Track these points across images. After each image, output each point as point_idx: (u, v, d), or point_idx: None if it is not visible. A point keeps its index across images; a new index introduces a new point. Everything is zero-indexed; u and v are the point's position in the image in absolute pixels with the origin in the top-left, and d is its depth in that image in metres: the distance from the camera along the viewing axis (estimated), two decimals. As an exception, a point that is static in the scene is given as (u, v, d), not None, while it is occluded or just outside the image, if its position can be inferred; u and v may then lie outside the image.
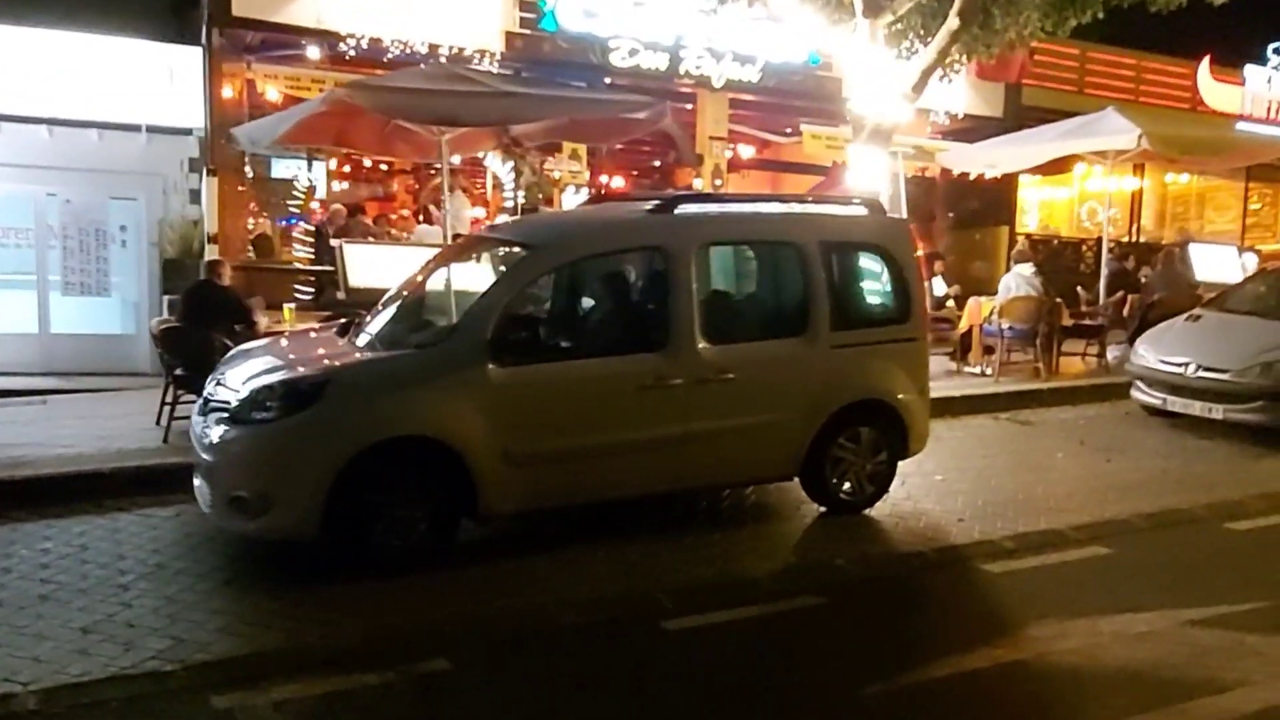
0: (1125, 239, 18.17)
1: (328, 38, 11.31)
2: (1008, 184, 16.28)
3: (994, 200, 16.48)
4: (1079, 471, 7.47)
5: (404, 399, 5.00)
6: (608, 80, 12.83)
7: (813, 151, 14.52)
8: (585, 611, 4.73)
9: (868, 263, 6.19)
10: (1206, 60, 17.69)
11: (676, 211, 5.66)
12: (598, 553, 5.38)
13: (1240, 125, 18.14)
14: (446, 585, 4.90)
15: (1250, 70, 18.20)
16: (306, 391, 4.95)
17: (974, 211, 16.60)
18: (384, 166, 16.23)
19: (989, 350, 10.62)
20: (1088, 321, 11.34)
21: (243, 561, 5.18)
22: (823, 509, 6.18)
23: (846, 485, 6.16)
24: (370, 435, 4.87)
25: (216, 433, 5.08)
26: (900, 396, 6.18)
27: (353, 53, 11.31)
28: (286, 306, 8.84)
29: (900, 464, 6.92)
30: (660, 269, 5.52)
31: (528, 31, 12.31)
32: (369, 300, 6.34)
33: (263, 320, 7.88)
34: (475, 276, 6.18)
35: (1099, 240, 17.20)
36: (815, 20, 8.97)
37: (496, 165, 15.06)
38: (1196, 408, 8.51)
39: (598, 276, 5.84)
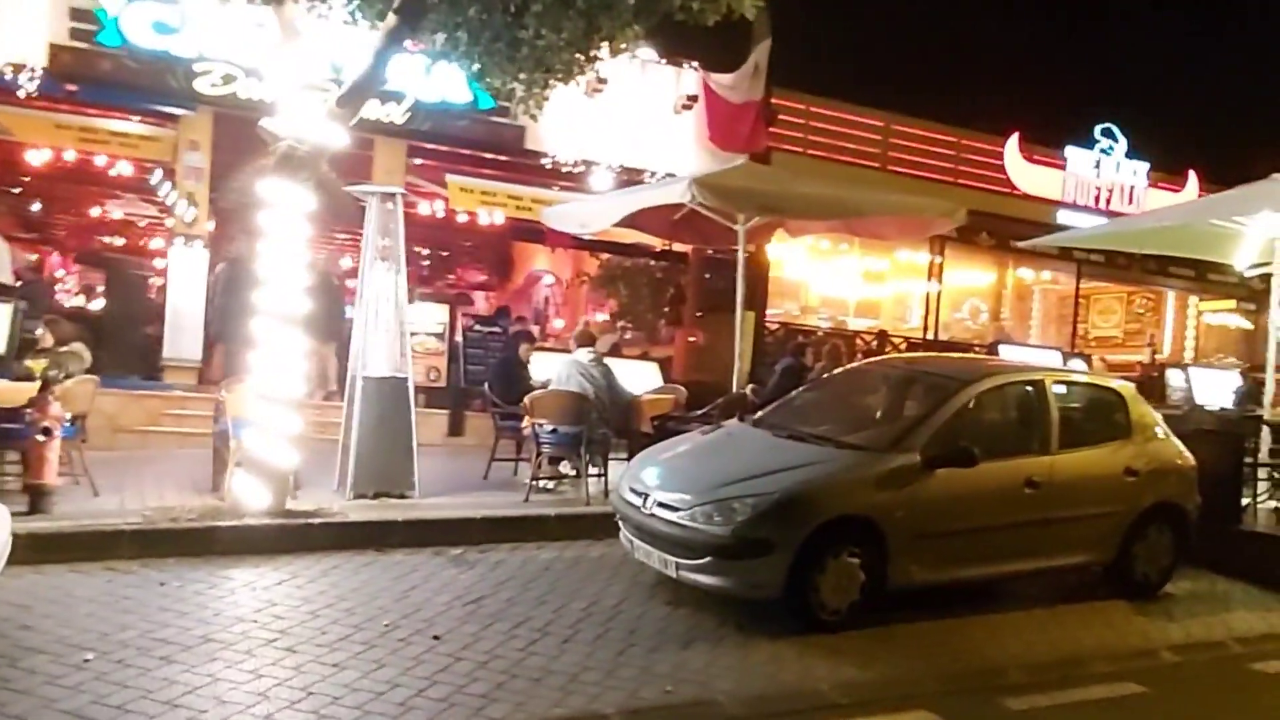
0: (928, 337, 15.67)
1: None
2: (757, 262, 13.91)
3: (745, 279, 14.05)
4: (347, 654, 4.89)
5: None
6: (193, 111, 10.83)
7: (463, 205, 12.29)
8: None
9: None
10: (1015, 138, 15.39)
11: None
12: None
13: (1062, 213, 15.85)
14: None
15: (1072, 152, 15.90)
16: None
17: (723, 292, 14.19)
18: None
19: (540, 457, 8.12)
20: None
21: None
22: None
23: None
24: None
25: None
26: None
27: None
28: None
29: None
30: None
31: (82, 45, 10.26)
32: None
33: None
34: None
35: (882, 333, 14.86)
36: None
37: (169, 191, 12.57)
38: (655, 559, 5.92)
39: None
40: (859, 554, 5.61)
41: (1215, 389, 14.22)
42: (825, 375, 7.78)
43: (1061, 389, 6.62)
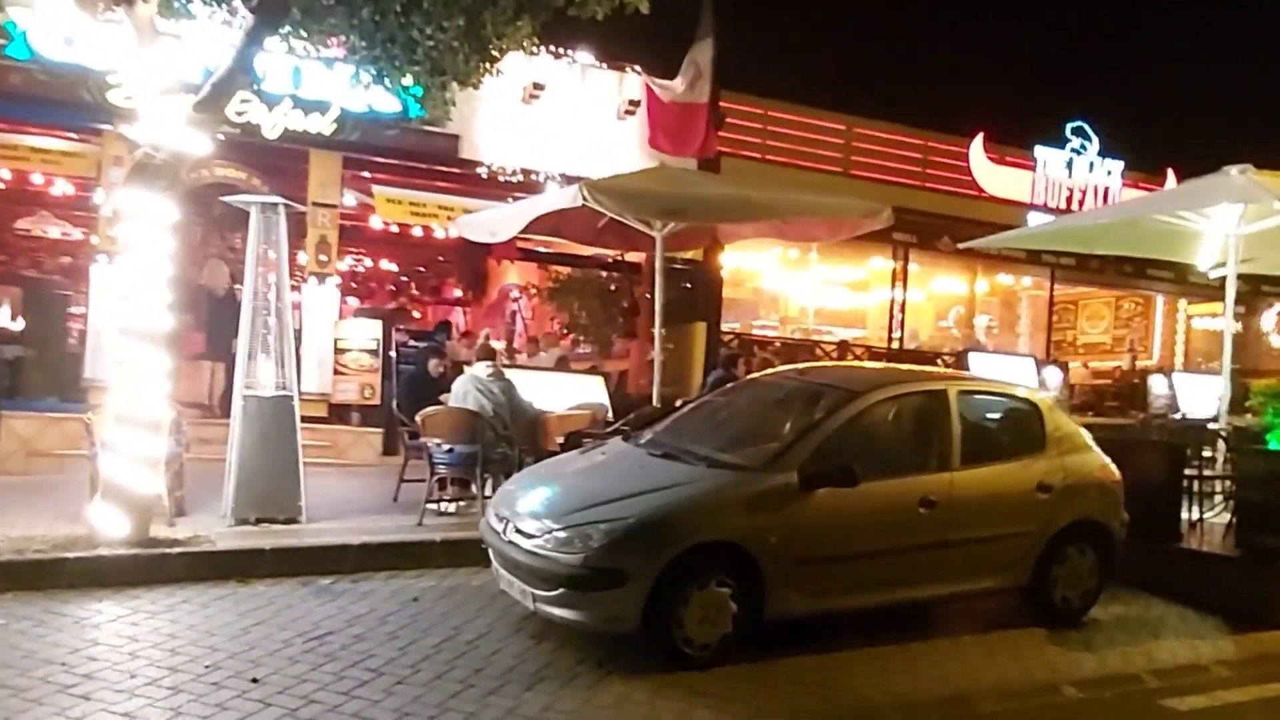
0: (894, 345, 15.17)
1: None
2: (709, 271, 13.51)
3: (697, 289, 13.65)
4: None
5: None
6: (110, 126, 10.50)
7: (390, 217, 11.92)
8: None
9: None
10: (979, 139, 14.89)
11: None
12: None
13: (1032, 216, 15.33)
14: None
15: (1043, 152, 15.38)
16: None
17: (680, 303, 13.76)
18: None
19: (434, 478, 7.71)
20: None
21: None
22: None
23: None
24: None
25: None
26: None
27: None
28: None
29: None
30: None
31: (-10, 59, 10.07)
32: None
33: None
34: None
35: (842, 343, 14.39)
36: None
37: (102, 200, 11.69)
38: (516, 589, 5.49)
39: None
40: (730, 583, 5.17)
41: (1200, 395, 13.64)
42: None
43: (967, 400, 6.13)
